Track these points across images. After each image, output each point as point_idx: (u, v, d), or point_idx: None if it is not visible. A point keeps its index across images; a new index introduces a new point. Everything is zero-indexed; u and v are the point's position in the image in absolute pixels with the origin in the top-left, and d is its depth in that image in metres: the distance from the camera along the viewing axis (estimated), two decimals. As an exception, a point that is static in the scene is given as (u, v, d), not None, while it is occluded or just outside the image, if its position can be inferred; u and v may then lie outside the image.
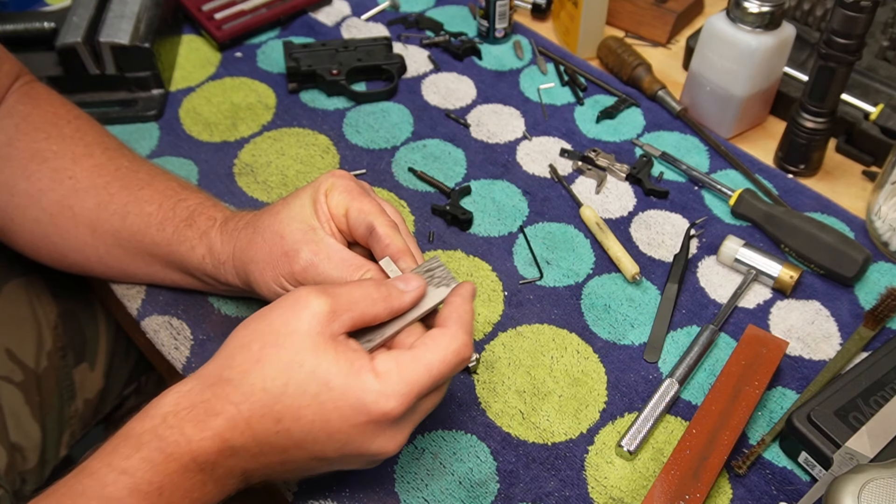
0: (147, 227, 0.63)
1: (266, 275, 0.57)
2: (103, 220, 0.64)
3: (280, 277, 0.56)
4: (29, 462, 0.75)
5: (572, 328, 0.66)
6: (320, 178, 0.59)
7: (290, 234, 0.56)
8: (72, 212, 0.64)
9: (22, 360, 0.75)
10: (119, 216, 0.64)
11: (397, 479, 0.57)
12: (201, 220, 0.62)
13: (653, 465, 0.58)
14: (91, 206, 0.64)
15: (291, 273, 0.56)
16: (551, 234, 0.74)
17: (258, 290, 0.59)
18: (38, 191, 0.64)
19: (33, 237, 0.66)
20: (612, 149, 0.81)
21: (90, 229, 0.64)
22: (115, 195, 0.64)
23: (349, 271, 0.55)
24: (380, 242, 0.55)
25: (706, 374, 0.63)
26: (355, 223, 0.56)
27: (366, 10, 0.98)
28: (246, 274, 0.59)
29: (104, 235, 0.64)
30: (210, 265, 0.61)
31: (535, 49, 0.93)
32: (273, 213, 0.58)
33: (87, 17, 0.84)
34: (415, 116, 0.85)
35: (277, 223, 0.57)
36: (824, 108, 0.74)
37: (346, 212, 0.57)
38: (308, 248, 0.55)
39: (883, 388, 0.58)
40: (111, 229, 0.64)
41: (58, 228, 0.65)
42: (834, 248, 0.68)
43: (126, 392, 0.91)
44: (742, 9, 0.73)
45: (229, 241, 0.60)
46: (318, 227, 0.56)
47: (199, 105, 0.86)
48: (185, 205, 0.63)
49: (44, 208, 0.64)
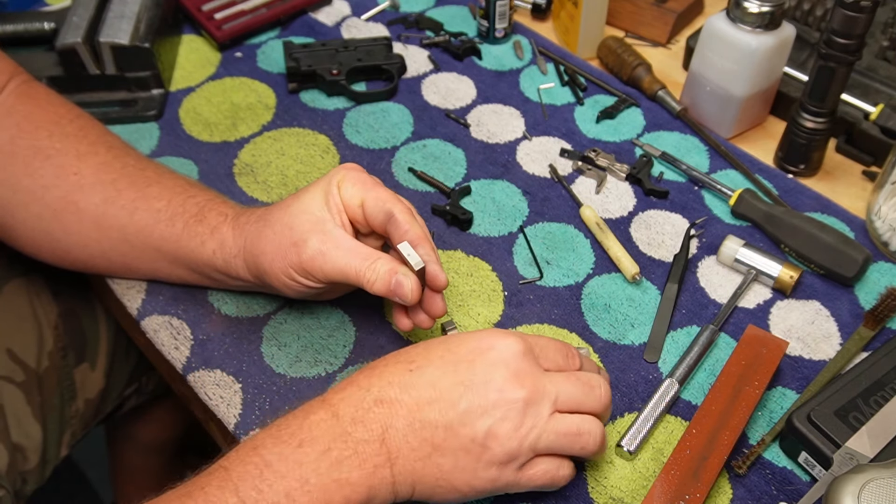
0: (156, 222, 0.63)
1: (275, 265, 0.58)
2: (110, 216, 0.64)
3: (289, 268, 0.57)
4: (30, 462, 0.75)
5: (572, 328, 0.66)
6: (332, 172, 0.60)
7: (300, 224, 0.57)
8: (76, 207, 0.64)
9: (23, 360, 0.76)
10: (127, 211, 0.64)
11: (397, 479, 0.57)
12: (212, 215, 0.63)
13: (653, 465, 0.58)
14: (97, 202, 0.64)
15: (300, 263, 0.57)
16: (551, 234, 0.74)
17: (269, 282, 0.60)
18: (41, 187, 0.64)
19: (35, 234, 0.66)
20: (612, 149, 0.81)
21: (95, 224, 0.64)
22: (122, 191, 0.64)
23: (357, 260, 0.56)
24: (399, 228, 0.57)
25: (706, 374, 0.63)
26: (373, 212, 0.58)
27: (366, 10, 0.98)
28: (256, 266, 0.60)
29: (110, 231, 0.64)
30: (221, 260, 0.62)
31: (535, 49, 0.93)
32: (284, 206, 0.59)
33: (87, 17, 0.84)
34: (415, 116, 0.85)
35: (287, 215, 0.58)
36: (824, 108, 0.74)
37: (363, 202, 0.58)
38: (316, 238, 0.56)
39: (883, 388, 0.58)
40: (118, 224, 0.64)
41: (61, 224, 0.64)
42: (834, 248, 0.68)
43: (127, 392, 0.91)
44: (742, 9, 0.73)
45: (241, 235, 0.61)
46: (327, 219, 0.57)
47: (199, 105, 0.86)
48: (194, 201, 0.64)
49: (47, 204, 0.64)
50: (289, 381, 0.63)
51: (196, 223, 0.63)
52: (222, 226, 0.62)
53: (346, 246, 0.56)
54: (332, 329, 0.66)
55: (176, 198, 0.64)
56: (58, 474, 0.82)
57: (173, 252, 0.64)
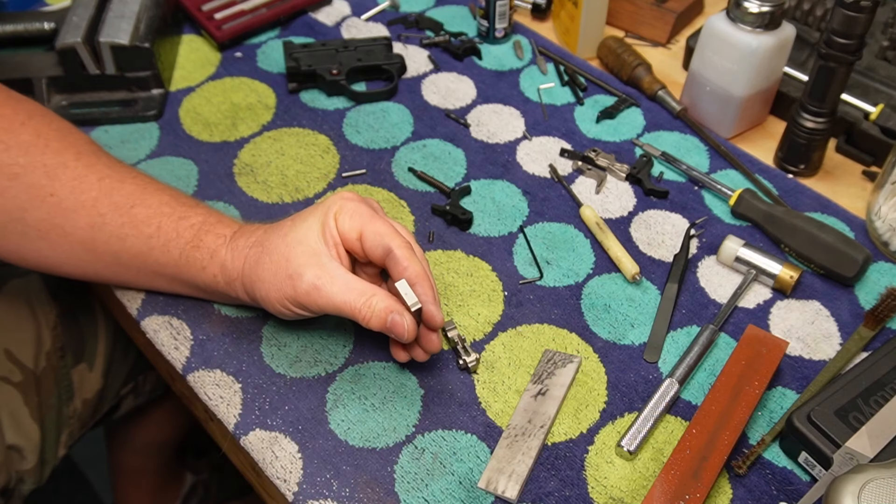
0: (150, 249, 0.61)
1: (271, 295, 0.58)
2: (100, 242, 0.61)
3: (284, 300, 0.57)
4: (28, 462, 0.75)
5: (572, 328, 0.66)
6: (328, 201, 0.59)
7: (295, 256, 0.56)
8: (62, 230, 0.60)
9: (21, 361, 0.75)
10: (117, 238, 0.61)
11: (397, 479, 0.57)
12: (209, 238, 0.61)
13: (653, 465, 0.58)
14: (83, 226, 0.60)
15: (295, 296, 0.56)
16: (551, 234, 0.74)
17: (264, 307, 0.60)
18: (18, 209, 0.59)
19: (21, 249, 0.62)
20: (612, 149, 0.81)
21: (85, 248, 0.61)
22: (106, 216, 0.60)
23: (353, 296, 0.55)
24: (398, 265, 0.57)
25: (706, 374, 0.63)
26: (371, 246, 0.57)
27: (366, 10, 0.98)
28: (253, 292, 0.59)
29: (102, 255, 0.62)
30: (223, 282, 0.61)
31: (535, 49, 0.93)
32: (281, 234, 0.58)
33: (87, 17, 0.84)
34: (415, 116, 0.85)
35: (284, 245, 0.57)
36: (824, 108, 0.74)
37: (361, 235, 0.58)
38: (311, 272, 0.56)
39: (883, 388, 0.58)
40: (110, 250, 0.61)
41: (49, 243, 0.61)
42: (834, 248, 0.68)
43: (123, 392, 0.91)
44: (742, 9, 0.73)
45: (239, 258, 0.60)
46: (323, 252, 0.57)
47: (199, 105, 0.86)
48: (187, 224, 0.61)
49: (30, 225, 0.60)
50: (289, 381, 0.63)
51: (193, 249, 0.61)
52: (221, 249, 0.61)
53: (343, 280, 0.56)
54: (331, 329, 0.66)
55: (166, 221, 0.61)
56: (58, 475, 0.82)
57: (172, 275, 0.63)
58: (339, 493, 0.56)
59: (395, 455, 0.58)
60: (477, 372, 0.63)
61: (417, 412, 0.61)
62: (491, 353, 0.65)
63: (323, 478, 0.57)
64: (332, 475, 0.57)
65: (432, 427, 0.60)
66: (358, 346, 0.65)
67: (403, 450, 0.59)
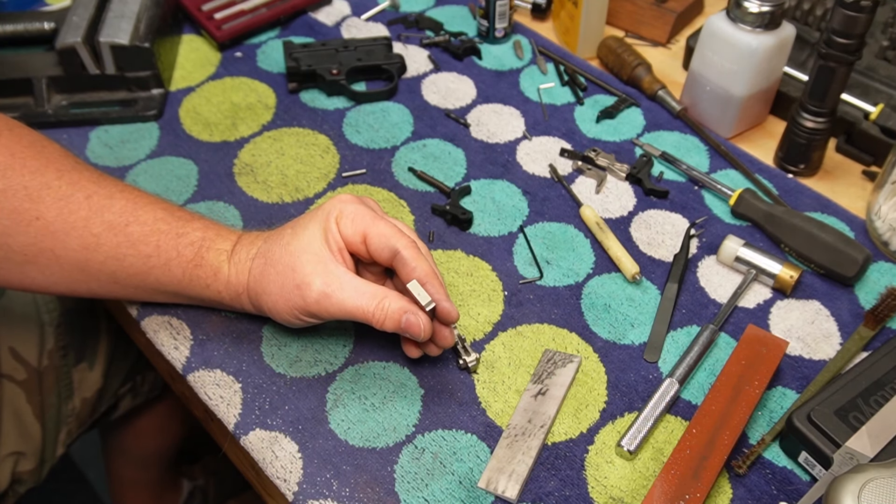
0: (149, 269, 0.59)
1: (279, 306, 0.57)
2: (95, 263, 0.58)
3: (294, 310, 0.57)
4: (29, 463, 0.76)
5: (572, 328, 0.66)
6: (327, 206, 0.58)
7: (301, 266, 0.56)
8: (53, 254, 0.57)
9: (25, 359, 0.76)
10: (114, 259, 0.58)
11: (397, 479, 0.57)
12: (210, 255, 0.60)
13: (653, 465, 0.58)
14: (76, 248, 0.57)
15: (305, 306, 0.56)
16: (551, 233, 0.74)
17: (272, 317, 0.60)
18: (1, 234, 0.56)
19: (8, 274, 0.58)
20: (612, 149, 0.81)
21: (79, 269, 0.58)
22: (101, 237, 0.57)
23: (365, 300, 0.55)
24: (406, 266, 0.56)
25: (706, 373, 0.63)
26: (377, 249, 0.57)
27: (366, 9, 0.98)
28: (260, 304, 0.59)
29: (98, 275, 0.59)
30: (228, 298, 0.61)
31: (535, 49, 0.93)
32: (283, 243, 0.58)
33: (87, 17, 0.84)
34: (415, 116, 0.85)
35: (288, 255, 0.57)
36: (824, 108, 0.74)
37: (365, 238, 0.57)
38: (320, 279, 0.55)
39: (883, 388, 0.58)
40: (106, 271, 0.59)
41: (38, 267, 0.58)
42: (834, 247, 0.68)
43: (121, 391, 0.91)
44: (742, 9, 0.73)
45: (243, 272, 0.59)
46: (328, 258, 0.56)
47: (199, 105, 0.86)
48: (186, 241, 0.59)
49: (15, 250, 0.56)
50: (289, 381, 0.63)
51: (195, 268, 0.59)
52: (224, 266, 0.60)
53: (352, 286, 0.55)
54: (331, 329, 0.66)
55: (164, 240, 0.58)
56: (57, 474, 0.82)
57: (174, 292, 0.61)
58: (339, 492, 0.56)
59: (395, 455, 0.58)
60: (477, 372, 0.63)
61: (417, 412, 0.61)
62: (491, 352, 0.65)
63: (323, 477, 0.57)
64: (333, 475, 0.57)
65: (432, 427, 0.60)
66: (358, 346, 0.65)
67: (403, 450, 0.59)
